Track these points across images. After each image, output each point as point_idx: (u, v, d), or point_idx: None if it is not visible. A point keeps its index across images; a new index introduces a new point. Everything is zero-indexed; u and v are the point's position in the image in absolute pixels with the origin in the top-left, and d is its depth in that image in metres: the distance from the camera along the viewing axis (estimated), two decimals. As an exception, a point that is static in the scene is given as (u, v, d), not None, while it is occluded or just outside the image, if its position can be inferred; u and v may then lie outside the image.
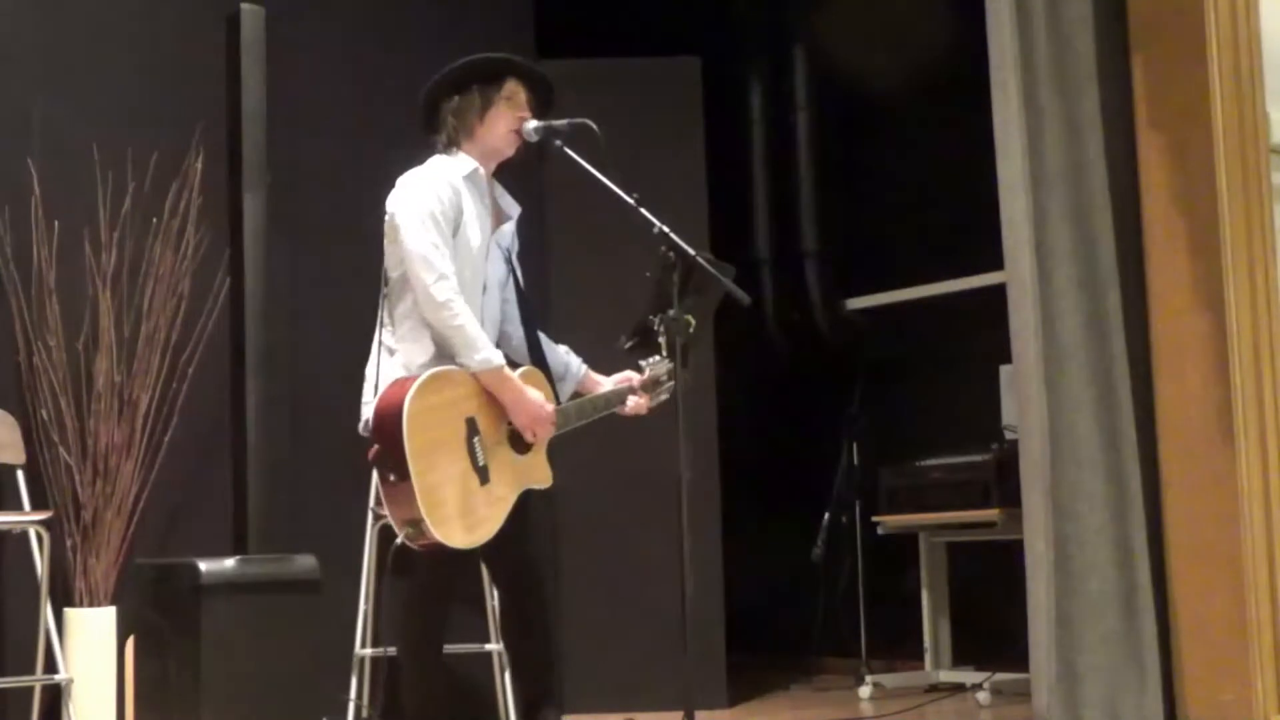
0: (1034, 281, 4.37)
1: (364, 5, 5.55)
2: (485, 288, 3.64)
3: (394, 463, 3.30)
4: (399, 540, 3.39)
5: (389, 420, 3.32)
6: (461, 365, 3.46)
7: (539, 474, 3.60)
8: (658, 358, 3.73)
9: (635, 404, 3.74)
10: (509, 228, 3.73)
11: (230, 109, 4.56)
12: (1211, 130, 4.16)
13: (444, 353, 3.49)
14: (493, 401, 3.49)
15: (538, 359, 3.70)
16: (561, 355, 3.79)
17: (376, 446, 3.34)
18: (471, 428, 3.44)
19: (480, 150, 3.67)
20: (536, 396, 3.52)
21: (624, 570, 5.24)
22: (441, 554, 3.41)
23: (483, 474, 3.42)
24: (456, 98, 3.66)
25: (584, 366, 3.79)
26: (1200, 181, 4.19)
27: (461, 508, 3.37)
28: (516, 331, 3.72)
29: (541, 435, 3.54)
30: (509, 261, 3.73)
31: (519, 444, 3.55)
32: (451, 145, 3.66)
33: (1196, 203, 4.21)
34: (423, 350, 3.52)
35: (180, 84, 5.05)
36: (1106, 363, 4.39)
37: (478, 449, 3.43)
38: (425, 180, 3.56)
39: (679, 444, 3.30)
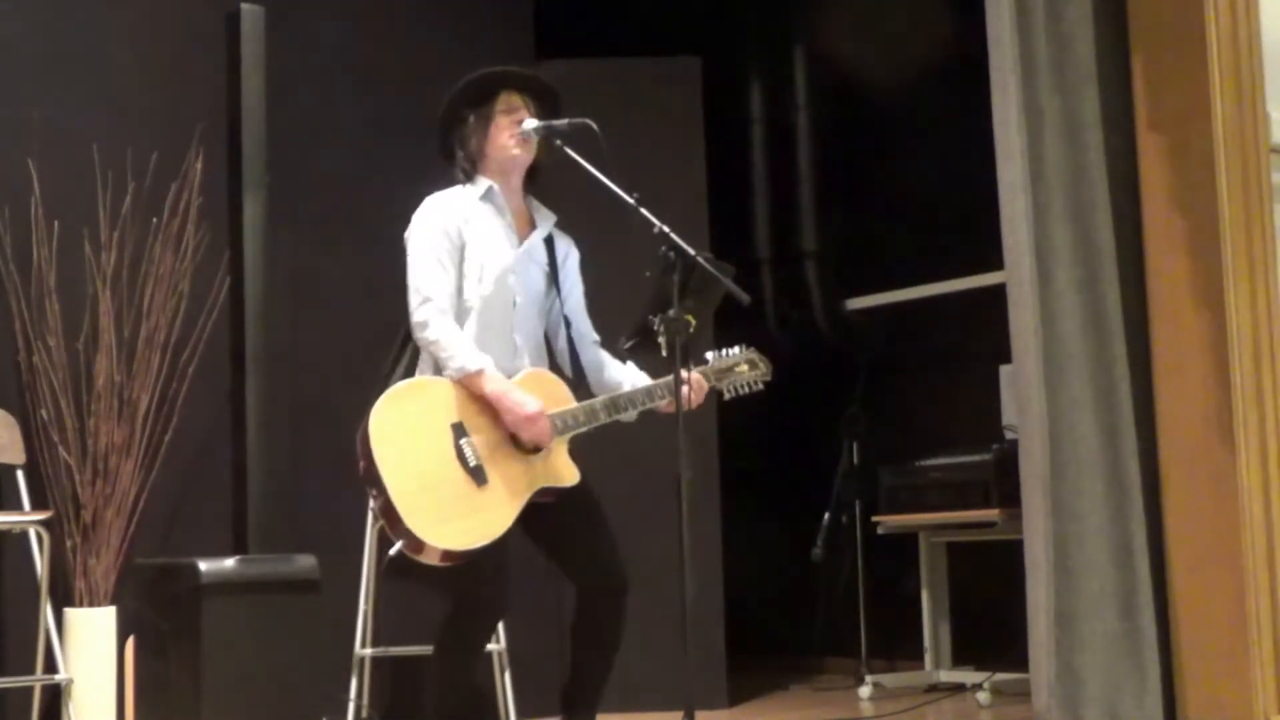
0: (1034, 281, 4.37)
1: (364, 5, 5.55)
2: (515, 303, 3.65)
3: (373, 477, 3.35)
4: (395, 549, 3.40)
5: (362, 436, 3.37)
6: (447, 376, 3.51)
7: (558, 473, 3.55)
8: (739, 348, 3.75)
9: (685, 395, 3.61)
10: (537, 237, 3.73)
11: (230, 109, 4.56)
12: (1211, 130, 4.16)
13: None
14: (490, 405, 3.50)
15: (575, 366, 3.71)
16: (627, 375, 3.75)
17: (362, 463, 3.37)
18: (459, 432, 3.45)
19: (497, 168, 3.69)
20: (519, 399, 3.48)
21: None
22: (465, 563, 3.40)
23: (478, 475, 3.42)
24: (459, 128, 3.70)
25: (640, 378, 3.74)
26: (1200, 181, 4.19)
27: (450, 511, 3.37)
28: (560, 339, 3.76)
29: (530, 436, 3.49)
30: (549, 272, 3.73)
31: (526, 444, 3.54)
32: (471, 173, 3.70)
33: (1196, 203, 4.21)
34: (433, 366, 3.59)
35: (180, 84, 5.05)
36: (1106, 363, 4.39)
37: (468, 452, 3.43)
38: (432, 207, 3.65)
39: (679, 444, 3.30)
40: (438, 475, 3.39)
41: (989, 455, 5.44)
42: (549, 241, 3.75)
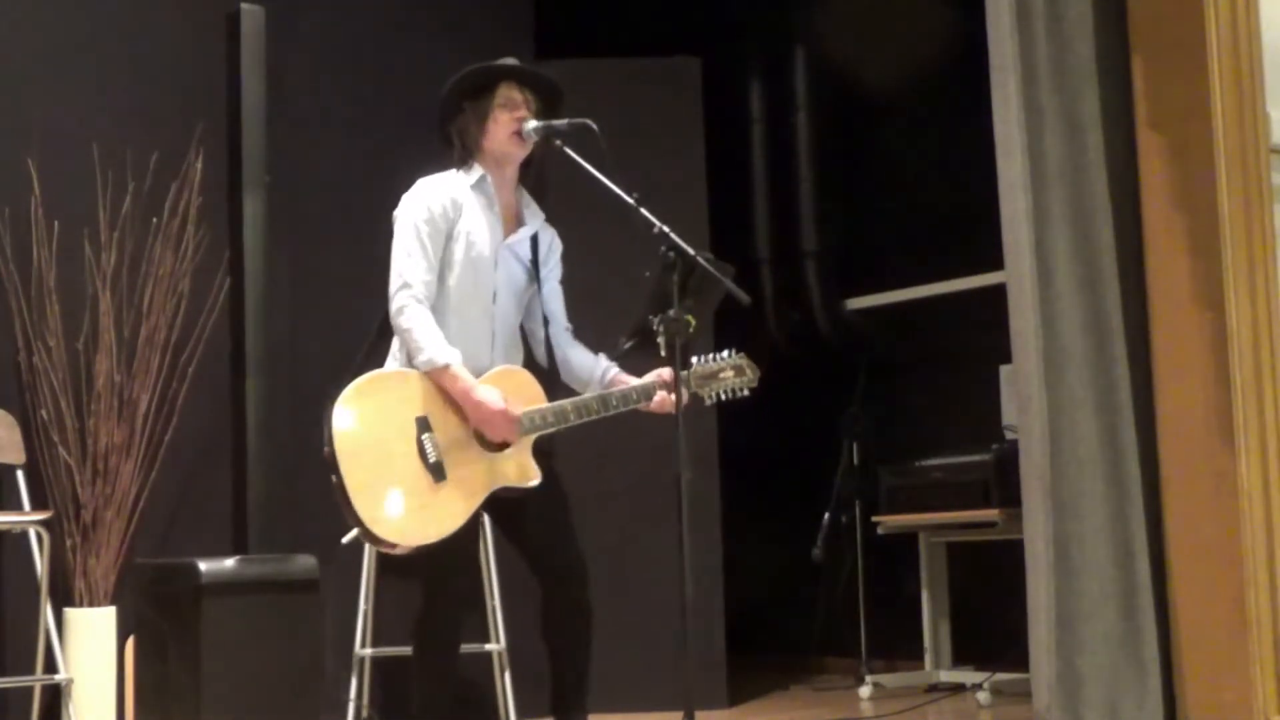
0: (1034, 281, 4.37)
1: (364, 5, 5.55)
2: (495, 296, 3.65)
3: (333, 465, 3.38)
4: (349, 536, 3.44)
5: (327, 422, 3.40)
6: (415, 367, 3.52)
7: (519, 471, 3.54)
8: (728, 353, 3.71)
9: (661, 400, 3.65)
10: (524, 234, 3.73)
11: (230, 109, 4.56)
12: (1211, 130, 4.16)
13: None
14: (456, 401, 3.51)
15: (551, 359, 3.72)
16: (590, 361, 3.76)
17: (326, 448, 3.39)
18: (422, 426, 3.45)
19: (491, 159, 3.69)
20: (487, 395, 3.48)
21: (624, 570, 5.23)
22: (433, 553, 3.43)
23: (436, 471, 3.43)
24: (458, 118, 3.70)
25: (611, 371, 3.73)
26: (1200, 181, 4.19)
27: (404, 505, 3.39)
28: (539, 334, 3.76)
29: (495, 434, 3.49)
30: (531, 269, 3.73)
31: (491, 442, 3.55)
32: (467, 160, 3.70)
33: (1196, 203, 4.21)
34: (403, 358, 3.60)
35: (180, 84, 5.05)
36: (1106, 363, 4.39)
37: (428, 447, 3.44)
38: (422, 190, 3.65)
39: (679, 444, 3.29)
40: (396, 469, 3.40)
41: (989, 455, 5.44)
42: (533, 238, 3.76)
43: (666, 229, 3.41)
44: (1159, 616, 4.29)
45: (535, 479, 3.56)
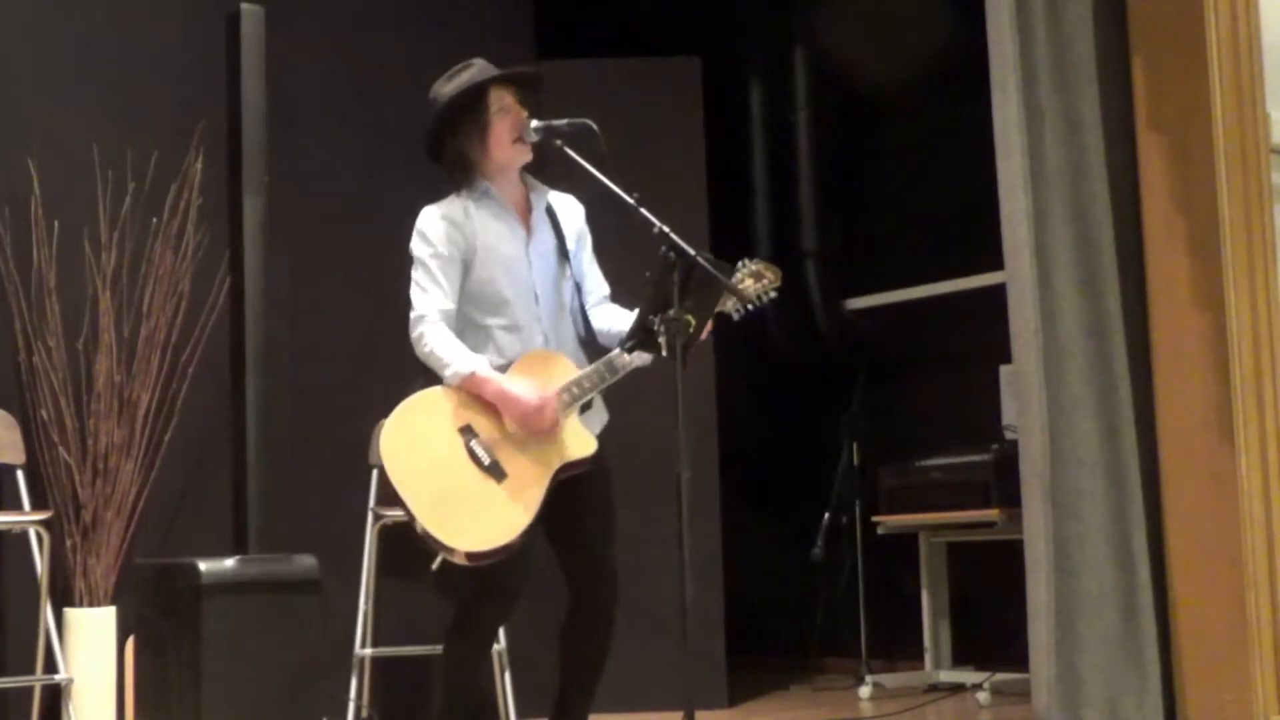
0: (1034, 281, 4.37)
1: (364, 5, 5.55)
2: (537, 297, 3.65)
3: (398, 499, 3.41)
4: (437, 563, 3.42)
5: (377, 459, 3.43)
6: (446, 383, 3.54)
7: (572, 448, 3.54)
8: (742, 263, 3.60)
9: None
10: (540, 220, 3.71)
11: (230, 109, 4.55)
12: (1211, 130, 4.16)
13: None
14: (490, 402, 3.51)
15: (588, 327, 3.72)
16: (616, 323, 3.73)
17: (387, 488, 3.44)
18: (468, 434, 3.48)
19: (497, 168, 3.67)
20: (517, 395, 3.48)
21: (624, 570, 5.22)
22: (488, 562, 3.43)
23: (495, 471, 3.45)
24: (452, 139, 3.66)
25: (625, 321, 3.69)
26: (1200, 181, 4.19)
27: (475, 513, 3.41)
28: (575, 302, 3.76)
29: (530, 427, 3.48)
30: (559, 249, 3.72)
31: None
32: (466, 179, 3.67)
33: (1196, 203, 4.21)
34: None
35: (180, 84, 5.05)
36: (1106, 363, 4.39)
37: (480, 451, 3.46)
38: (425, 222, 3.64)
39: (678, 443, 3.30)
40: (455, 482, 3.43)
41: (989, 455, 5.44)
42: (550, 215, 3.74)
43: (666, 229, 3.41)
44: (1159, 616, 4.29)
45: (590, 448, 3.56)
